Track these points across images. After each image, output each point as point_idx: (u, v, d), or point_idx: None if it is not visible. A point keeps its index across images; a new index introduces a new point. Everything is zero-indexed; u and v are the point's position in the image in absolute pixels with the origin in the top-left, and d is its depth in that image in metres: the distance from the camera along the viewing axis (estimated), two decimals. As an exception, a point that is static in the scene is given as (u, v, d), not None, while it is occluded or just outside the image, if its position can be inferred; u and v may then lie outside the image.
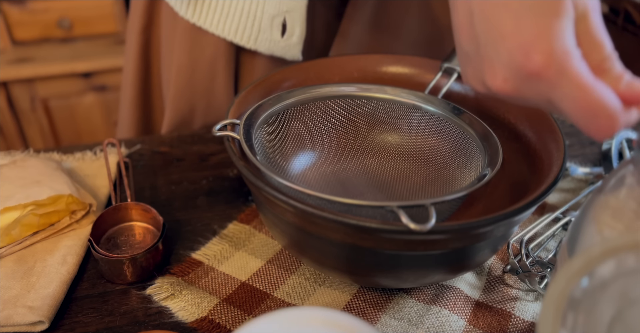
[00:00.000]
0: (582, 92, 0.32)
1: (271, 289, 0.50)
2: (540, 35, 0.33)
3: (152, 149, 0.68)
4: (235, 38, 0.68)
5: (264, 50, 0.69)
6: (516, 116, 0.54)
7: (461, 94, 0.58)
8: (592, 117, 0.32)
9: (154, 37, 0.78)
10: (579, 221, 0.36)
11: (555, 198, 0.61)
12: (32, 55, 1.49)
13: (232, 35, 0.68)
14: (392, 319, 0.47)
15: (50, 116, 1.56)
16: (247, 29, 0.67)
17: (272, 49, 0.69)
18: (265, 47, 0.68)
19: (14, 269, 0.49)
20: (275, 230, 0.47)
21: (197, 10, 0.67)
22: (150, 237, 0.53)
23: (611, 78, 0.34)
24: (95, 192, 0.60)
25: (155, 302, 0.48)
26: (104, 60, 1.49)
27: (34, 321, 0.45)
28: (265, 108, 0.51)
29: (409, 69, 0.61)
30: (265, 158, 0.50)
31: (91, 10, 1.52)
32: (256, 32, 0.67)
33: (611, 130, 0.32)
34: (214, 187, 0.62)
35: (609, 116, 0.32)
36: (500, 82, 0.36)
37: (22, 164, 0.59)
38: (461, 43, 0.39)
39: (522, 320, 0.47)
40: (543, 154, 0.49)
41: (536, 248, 0.53)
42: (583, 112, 0.32)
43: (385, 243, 0.40)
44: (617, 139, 0.64)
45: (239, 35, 0.67)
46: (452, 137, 0.53)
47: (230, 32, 0.67)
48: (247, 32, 0.67)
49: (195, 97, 0.74)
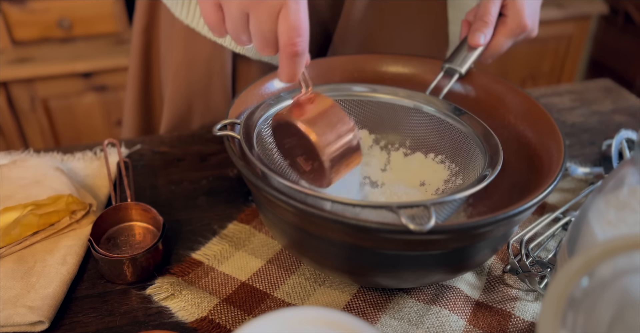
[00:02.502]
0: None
1: (271, 289, 0.50)
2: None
3: (152, 148, 0.68)
4: (224, 42, 0.68)
5: (252, 56, 0.69)
6: (516, 116, 0.54)
7: (462, 94, 0.58)
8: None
9: (154, 37, 0.79)
10: (579, 221, 0.36)
11: (555, 198, 0.61)
12: (32, 55, 1.49)
13: (222, 39, 0.68)
14: (392, 319, 0.47)
15: (50, 116, 1.56)
16: None
17: (259, 54, 0.69)
18: (252, 53, 0.69)
19: (14, 269, 0.49)
20: (275, 230, 0.47)
21: (190, 12, 0.67)
22: (150, 237, 0.53)
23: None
24: (95, 192, 0.60)
25: (155, 302, 0.48)
26: (104, 60, 1.49)
27: (34, 321, 0.45)
28: (265, 108, 0.51)
29: (409, 69, 0.61)
30: (266, 158, 0.50)
31: (91, 10, 1.52)
32: None
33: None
34: (214, 187, 0.62)
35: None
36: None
37: (22, 164, 0.59)
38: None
39: (522, 320, 0.47)
40: (543, 154, 0.49)
41: (536, 248, 0.53)
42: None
43: (385, 243, 0.40)
44: (617, 139, 0.64)
45: (228, 39, 0.67)
46: (452, 137, 0.53)
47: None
48: None
49: (193, 96, 0.74)
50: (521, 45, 0.70)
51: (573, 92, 0.85)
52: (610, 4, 1.90)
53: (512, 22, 0.56)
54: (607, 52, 2.04)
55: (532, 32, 0.59)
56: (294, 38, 0.41)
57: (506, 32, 0.57)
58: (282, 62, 0.43)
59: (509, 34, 0.57)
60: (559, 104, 0.81)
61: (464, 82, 0.58)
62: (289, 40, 0.41)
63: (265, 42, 0.43)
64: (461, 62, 0.57)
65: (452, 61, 0.58)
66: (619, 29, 1.94)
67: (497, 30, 0.57)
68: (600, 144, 0.70)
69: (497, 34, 0.57)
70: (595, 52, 2.09)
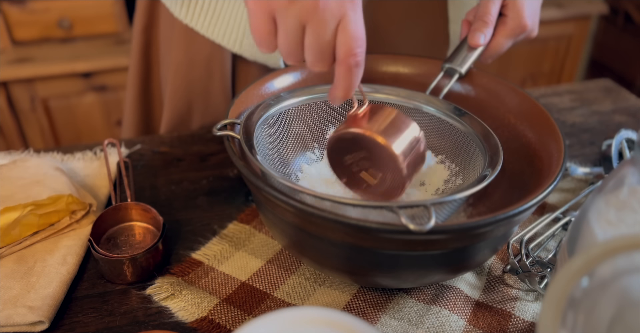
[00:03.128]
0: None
1: (271, 289, 0.50)
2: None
3: (152, 148, 0.68)
4: (222, 41, 0.68)
5: (248, 56, 0.69)
6: (516, 116, 0.54)
7: (462, 94, 0.58)
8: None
9: (154, 37, 0.79)
10: (579, 221, 0.36)
11: (555, 198, 0.61)
12: (32, 55, 1.49)
13: (220, 38, 0.68)
14: (392, 319, 0.47)
15: (50, 116, 1.56)
16: (233, 33, 0.67)
17: (255, 55, 0.69)
18: (249, 53, 0.69)
19: (14, 269, 0.49)
20: (275, 230, 0.47)
21: (189, 11, 0.68)
22: (150, 237, 0.53)
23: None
24: (95, 192, 0.60)
25: (155, 302, 0.48)
26: (104, 60, 1.49)
27: (34, 321, 0.45)
28: (265, 108, 0.51)
29: (409, 69, 0.61)
30: (265, 158, 0.50)
31: (91, 10, 1.52)
32: (241, 37, 0.67)
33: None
34: (214, 187, 0.62)
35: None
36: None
37: (22, 164, 0.59)
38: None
39: (522, 320, 0.47)
40: (543, 154, 0.49)
41: (536, 248, 0.53)
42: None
43: (385, 243, 0.40)
44: (617, 139, 0.64)
45: (226, 38, 0.67)
46: (452, 137, 0.53)
47: (219, 35, 0.68)
48: (232, 36, 0.67)
49: (193, 96, 0.74)
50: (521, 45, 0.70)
51: (573, 92, 0.85)
52: (610, 4, 1.90)
53: (512, 22, 0.56)
54: (607, 52, 2.04)
55: (532, 32, 0.59)
56: (354, 48, 0.40)
57: (506, 32, 0.57)
58: (340, 75, 0.41)
59: (509, 34, 0.57)
60: (559, 104, 0.81)
61: (464, 82, 0.58)
62: (350, 51, 0.40)
63: (321, 55, 0.41)
64: (461, 62, 0.57)
65: (452, 61, 0.58)
66: (619, 29, 1.94)
67: (497, 30, 0.57)
68: (600, 144, 0.70)
69: (497, 34, 0.57)
70: (595, 52, 2.09)
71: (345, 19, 0.39)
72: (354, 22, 0.40)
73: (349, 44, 0.40)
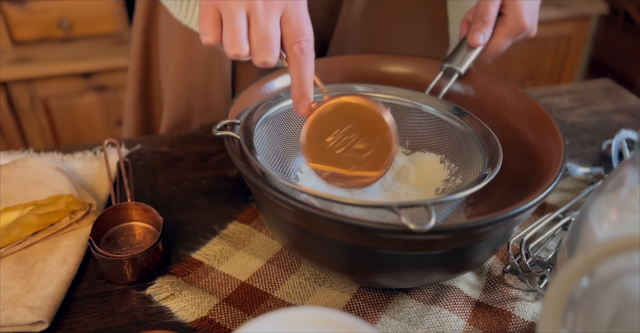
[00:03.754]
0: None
1: (271, 289, 0.50)
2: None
3: (152, 148, 0.68)
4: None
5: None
6: (516, 116, 0.54)
7: (462, 94, 0.58)
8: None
9: (154, 37, 0.79)
10: (579, 221, 0.36)
11: (555, 198, 0.61)
12: (32, 55, 1.49)
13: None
14: (392, 319, 0.47)
15: (50, 116, 1.56)
16: None
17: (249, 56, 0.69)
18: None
19: (14, 269, 0.49)
20: (275, 230, 0.47)
21: (188, 12, 0.68)
22: (150, 237, 0.53)
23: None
24: (95, 192, 0.60)
25: (155, 302, 0.48)
26: (104, 60, 1.49)
27: (34, 321, 0.45)
28: (265, 108, 0.51)
29: (409, 69, 0.61)
30: (265, 158, 0.50)
31: (91, 10, 1.52)
32: None
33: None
34: (214, 187, 0.62)
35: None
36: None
37: (22, 164, 0.59)
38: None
39: (522, 320, 0.47)
40: (543, 154, 0.49)
41: (536, 248, 0.53)
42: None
43: (385, 243, 0.40)
44: (617, 139, 0.64)
45: None
46: (452, 137, 0.53)
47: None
48: None
49: (192, 96, 0.74)
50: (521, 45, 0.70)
51: (573, 92, 0.85)
52: (610, 4, 1.90)
53: (511, 22, 0.57)
54: (607, 52, 2.04)
55: (531, 31, 0.59)
56: (297, 37, 0.43)
57: (505, 31, 0.57)
58: (289, 66, 0.44)
59: (508, 34, 0.57)
60: (559, 104, 0.81)
61: (464, 82, 0.58)
62: (293, 39, 0.43)
63: (264, 44, 0.43)
64: (460, 61, 0.57)
65: (451, 61, 0.58)
66: (619, 29, 1.94)
67: (497, 30, 0.57)
68: (600, 144, 0.70)
69: (496, 34, 0.57)
70: (595, 52, 2.09)
71: (287, 11, 0.43)
72: (296, 13, 0.44)
73: (292, 33, 0.43)
